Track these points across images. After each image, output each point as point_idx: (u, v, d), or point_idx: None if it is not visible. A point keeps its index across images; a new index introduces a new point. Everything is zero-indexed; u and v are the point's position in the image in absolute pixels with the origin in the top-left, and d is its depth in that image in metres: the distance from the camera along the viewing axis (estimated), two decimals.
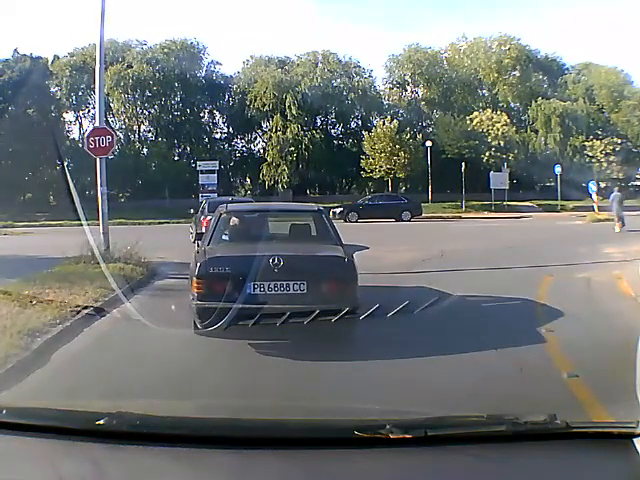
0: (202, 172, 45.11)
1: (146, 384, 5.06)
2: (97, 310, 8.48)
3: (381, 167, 46.00)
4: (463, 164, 42.35)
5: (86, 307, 8.47)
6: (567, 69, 54.96)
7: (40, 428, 2.35)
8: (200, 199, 43.88)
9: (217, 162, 45.88)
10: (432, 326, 7.40)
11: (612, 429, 2.35)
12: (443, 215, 39.48)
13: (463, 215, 39.73)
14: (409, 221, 33.89)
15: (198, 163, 46.00)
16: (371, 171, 46.44)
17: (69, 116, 52.61)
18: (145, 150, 52.37)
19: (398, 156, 45.35)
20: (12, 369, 5.71)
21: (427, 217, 36.56)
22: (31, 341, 6.65)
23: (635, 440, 2.22)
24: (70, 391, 4.88)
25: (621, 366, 3.08)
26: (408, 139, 46.72)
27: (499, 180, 43.41)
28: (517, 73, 52.49)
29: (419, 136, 48.48)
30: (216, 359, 6.30)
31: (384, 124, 46.68)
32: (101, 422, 2.31)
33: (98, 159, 13.54)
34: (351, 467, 2.19)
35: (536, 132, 50.51)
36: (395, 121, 46.91)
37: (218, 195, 44.43)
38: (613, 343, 5.97)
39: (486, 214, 40.14)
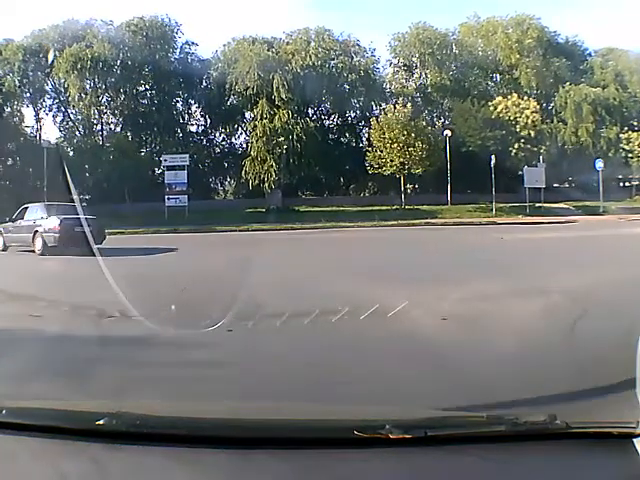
0: (168, 168, 43.86)
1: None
2: None
3: (392, 161, 44.30)
4: (493, 158, 41.33)
5: None
6: (589, 54, 55.27)
7: (40, 428, 2.66)
8: (167, 202, 43.46)
9: (186, 156, 44.94)
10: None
11: (612, 429, 2.62)
12: (467, 221, 37.66)
13: (498, 220, 37.89)
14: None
15: (163, 157, 45.08)
16: (379, 166, 44.85)
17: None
18: (107, 144, 51.42)
19: (414, 147, 43.60)
20: None
21: (456, 223, 35.46)
22: None
23: (635, 440, 2.51)
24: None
25: (621, 366, 3.45)
26: (425, 127, 45.46)
27: (534, 177, 42.51)
28: (540, 55, 52.24)
29: (438, 123, 47.79)
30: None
31: (395, 108, 45.19)
32: (101, 422, 2.63)
33: None
34: (351, 467, 2.45)
35: (564, 122, 50.21)
36: (409, 104, 45.73)
37: (189, 197, 43.96)
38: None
39: (520, 218, 39.01)
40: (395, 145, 44.14)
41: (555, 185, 47.68)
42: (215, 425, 2.83)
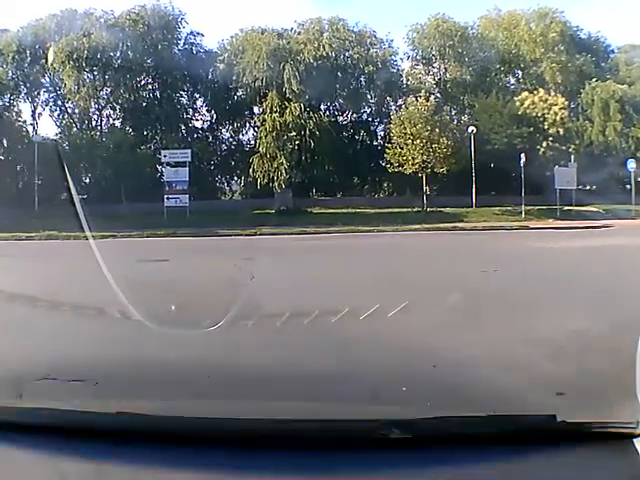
0: (168, 165, 43.18)
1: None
2: None
3: (414, 159, 43.02)
4: (523, 157, 40.87)
5: None
6: (612, 51, 55.70)
7: (40, 428, 2.85)
8: (166, 202, 42.52)
9: (188, 151, 44.34)
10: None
11: (612, 429, 2.79)
12: (497, 225, 37.12)
13: (530, 225, 37.17)
14: None
15: (162, 153, 44.50)
16: (400, 165, 43.63)
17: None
18: (105, 140, 50.31)
19: (438, 143, 42.59)
20: None
21: (485, 227, 35.31)
22: None
23: (635, 440, 2.68)
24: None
25: (621, 366, 3.63)
26: (449, 121, 45.12)
27: (565, 178, 42.13)
28: (563, 50, 52.08)
29: (463, 118, 47.68)
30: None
31: (417, 101, 44.32)
32: (101, 422, 2.84)
33: None
34: (351, 467, 2.62)
35: (590, 120, 50.08)
36: (432, 98, 45.15)
37: (191, 197, 43.32)
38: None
39: (551, 222, 38.57)
40: (417, 141, 42.91)
41: (579, 187, 47.10)
42: (215, 425, 3.00)
